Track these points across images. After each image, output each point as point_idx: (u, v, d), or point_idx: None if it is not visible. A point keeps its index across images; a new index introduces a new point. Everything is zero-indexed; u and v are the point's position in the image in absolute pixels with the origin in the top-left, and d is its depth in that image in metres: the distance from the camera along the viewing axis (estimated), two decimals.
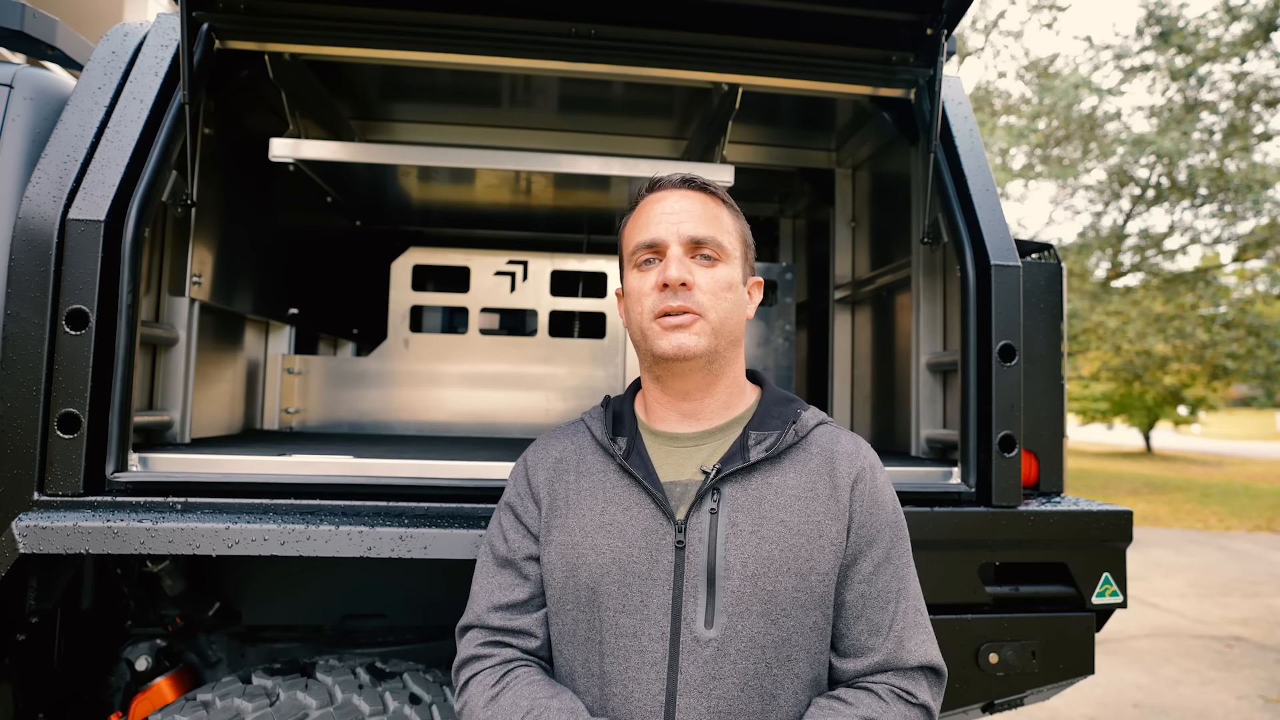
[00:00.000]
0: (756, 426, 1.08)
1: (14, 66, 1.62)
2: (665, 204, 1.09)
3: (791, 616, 0.99)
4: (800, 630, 0.99)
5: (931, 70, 1.75)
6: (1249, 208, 11.68)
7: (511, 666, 1.03)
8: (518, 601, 1.08)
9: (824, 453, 1.08)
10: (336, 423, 2.47)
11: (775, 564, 0.99)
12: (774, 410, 1.11)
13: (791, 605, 0.99)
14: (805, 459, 1.07)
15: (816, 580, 1.00)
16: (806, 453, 1.07)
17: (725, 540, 0.99)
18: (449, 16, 1.70)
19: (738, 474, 1.04)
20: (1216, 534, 9.66)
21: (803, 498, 1.03)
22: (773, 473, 1.05)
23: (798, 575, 0.99)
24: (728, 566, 0.98)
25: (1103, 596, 1.61)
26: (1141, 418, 23.76)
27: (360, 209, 2.63)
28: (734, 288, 1.08)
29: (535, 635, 1.07)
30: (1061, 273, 1.86)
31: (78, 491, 1.35)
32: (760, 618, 0.98)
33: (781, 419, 1.09)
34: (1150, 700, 4.06)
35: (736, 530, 1.00)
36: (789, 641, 0.99)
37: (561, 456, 1.14)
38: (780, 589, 0.98)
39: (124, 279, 1.42)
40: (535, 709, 0.96)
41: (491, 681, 1.01)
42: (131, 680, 1.75)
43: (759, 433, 1.07)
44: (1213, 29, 11.69)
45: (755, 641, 0.97)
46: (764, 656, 0.97)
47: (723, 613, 0.97)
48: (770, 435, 1.07)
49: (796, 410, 1.11)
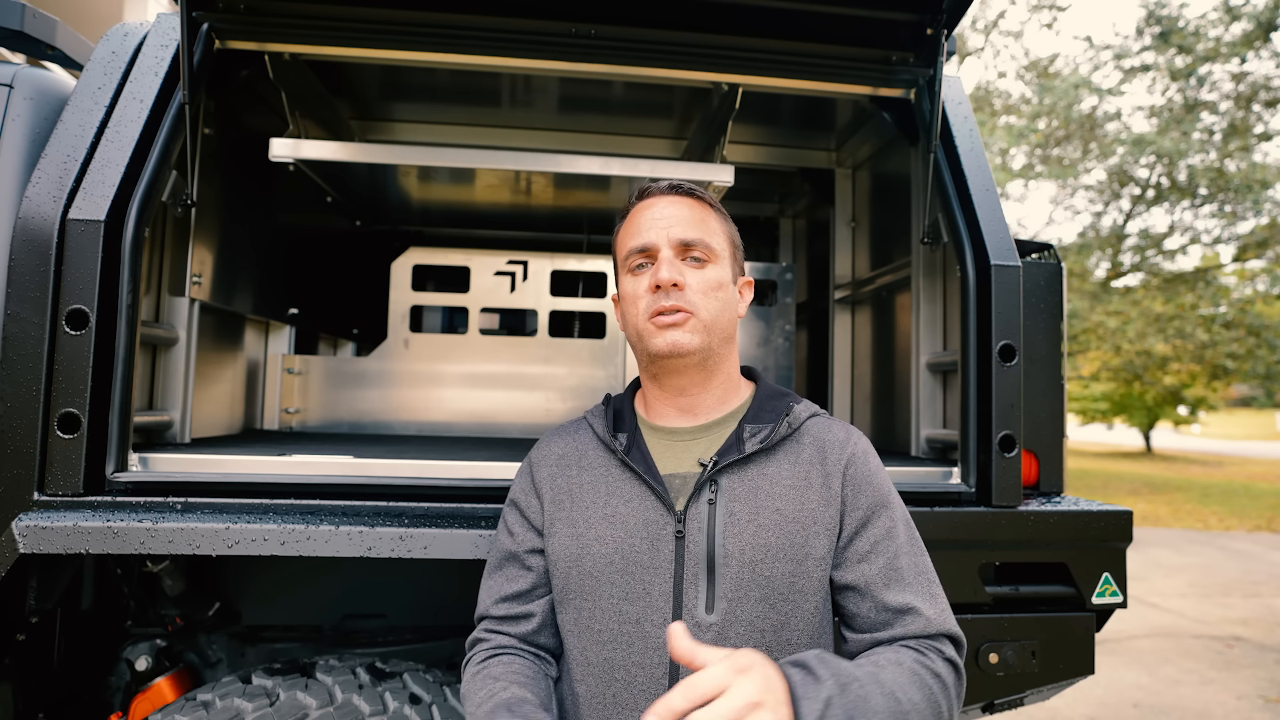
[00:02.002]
0: (751, 420, 1.12)
1: (14, 66, 1.62)
2: (655, 210, 1.13)
3: (789, 601, 1.02)
4: (798, 614, 1.03)
5: (931, 70, 1.75)
6: (1249, 208, 11.68)
7: (500, 652, 1.08)
8: (520, 592, 1.12)
9: (816, 442, 1.11)
10: (336, 423, 2.47)
11: (772, 551, 1.02)
12: (768, 404, 1.15)
13: (789, 590, 1.02)
14: (798, 450, 1.10)
15: (813, 565, 1.04)
16: (799, 444, 1.11)
17: (724, 529, 1.03)
18: (449, 16, 1.70)
19: (734, 465, 1.07)
20: (1216, 534, 9.66)
21: (797, 486, 1.07)
22: (768, 464, 1.08)
23: (794, 561, 1.03)
24: (726, 554, 1.02)
25: (1103, 596, 1.62)
26: (1141, 418, 23.76)
27: (360, 209, 2.63)
28: (724, 287, 1.12)
29: (532, 620, 1.11)
30: (1061, 273, 1.86)
31: (78, 491, 1.35)
32: (759, 602, 1.01)
33: (775, 412, 1.13)
34: (1150, 700, 4.06)
35: (734, 519, 1.04)
36: (787, 625, 1.02)
37: (564, 453, 1.18)
38: (777, 574, 1.02)
39: (124, 279, 1.42)
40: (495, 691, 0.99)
41: (479, 659, 1.07)
42: (131, 680, 1.75)
43: (754, 425, 1.11)
44: (1213, 29, 11.69)
45: (754, 626, 1.01)
46: (763, 640, 1.01)
47: (723, 598, 1.01)
48: (764, 428, 1.10)
49: (789, 403, 1.15)
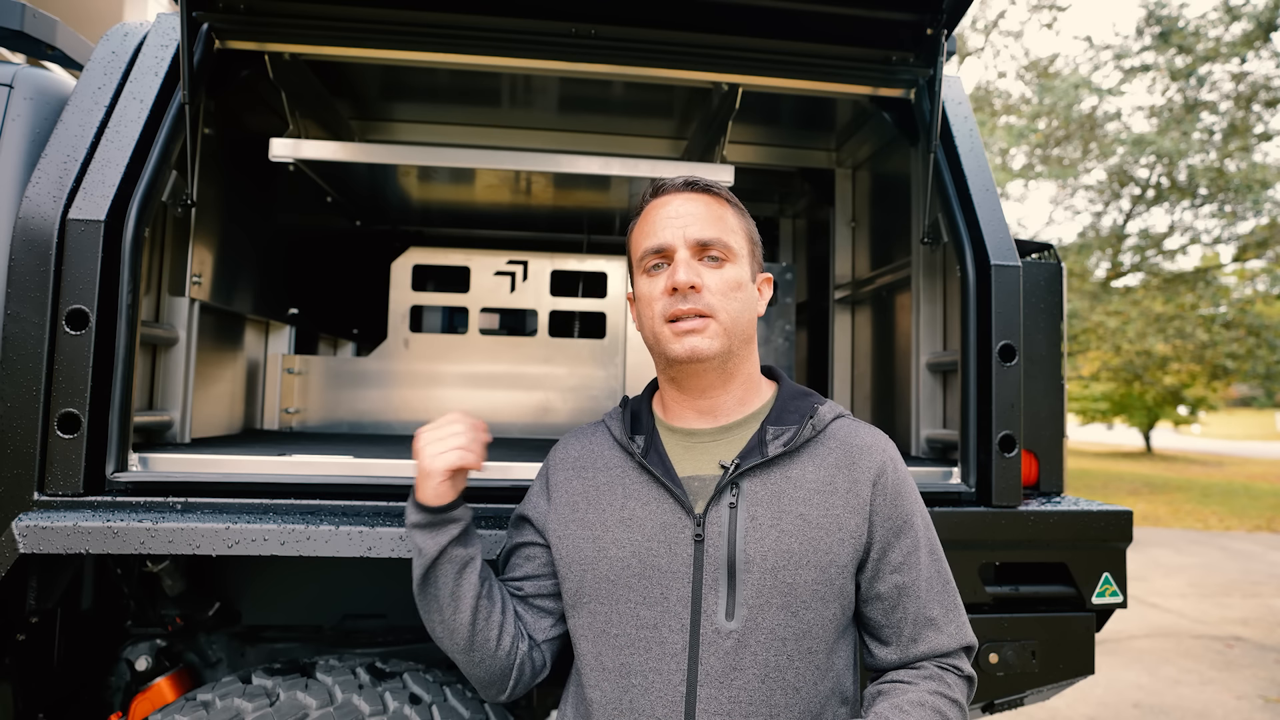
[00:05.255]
0: (774, 421, 1.09)
1: (14, 66, 1.61)
2: (670, 208, 1.10)
3: (811, 609, 1.00)
4: (820, 622, 1.01)
5: (931, 70, 1.75)
6: (1249, 208, 11.67)
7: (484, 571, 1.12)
8: (523, 576, 1.17)
9: (842, 446, 1.08)
10: (336, 423, 2.46)
11: (795, 557, 1.00)
12: (791, 405, 1.12)
13: (811, 598, 1.00)
14: (823, 453, 1.07)
15: (836, 573, 1.02)
16: (824, 446, 1.08)
17: (745, 534, 1.01)
18: (449, 16, 1.70)
19: (756, 469, 1.05)
20: (1216, 534, 9.66)
21: (821, 491, 1.04)
22: (791, 466, 1.05)
23: (817, 568, 1.00)
24: (748, 560, 1.00)
25: (1103, 596, 1.62)
26: (1141, 418, 23.75)
27: (360, 209, 2.63)
28: (743, 287, 1.09)
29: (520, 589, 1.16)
30: (1061, 273, 1.86)
31: (78, 491, 1.35)
32: (781, 610, 0.99)
33: (799, 413, 1.10)
34: (1150, 700, 4.06)
35: (756, 524, 1.01)
36: (809, 634, 1.00)
37: (581, 455, 1.17)
38: (800, 581, 1.00)
39: (124, 279, 1.42)
40: None
41: None
42: (131, 680, 1.75)
43: (777, 427, 1.08)
44: (1213, 29, 11.69)
45: (776, 634, 0.99)
46: (785, 649, 0.99)
47: (743, 605, 0.98)
48: (788, 430, 1.07)
49: (813, 404, 1.12)
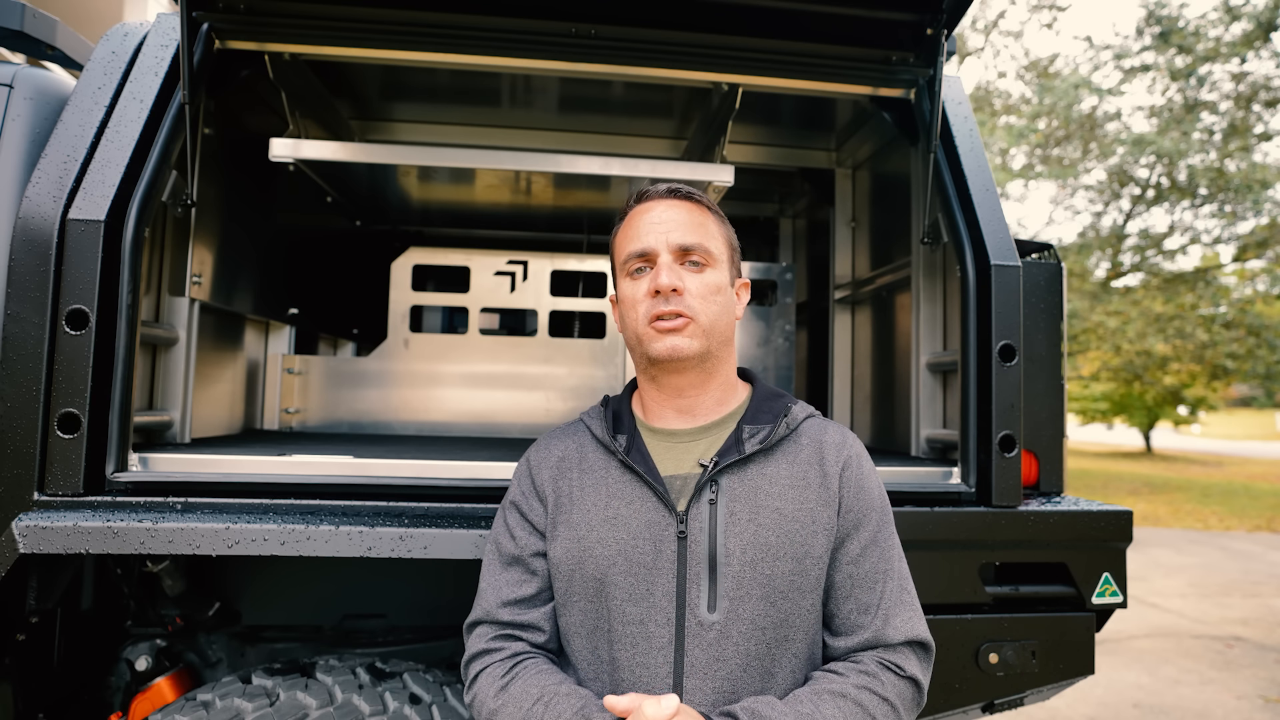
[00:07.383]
0: (750, 420, 1.13)
1: (14, 66, 1.61)
2: (653, 214, 1.14)
3: (789, 599, 1.04)
4: (797, 612, 1.04)
5: (931, 70, 1.75)
6: (1249, 208, 11.67)
7: (520, 659, 1.07)
8: (526, 596, 1.12)
9: (813, 443, 1.13)
10: (336, 423, 2.47)
11: (773, 550, 1.04)
12: (765, 405, 1.16)
13: (789, 588, 1.04)
14: (796, 450, 1.12)
15: (811, 564, 1.05)
16: (797, 444, 1.12)
17: (725, 529, 1.04)
18: (449, 16, 1.70)
19: (734, 466, 1.08)
20: (1216, 534, 9.66)
21: (795, 486, 1.08)
22: (766, 464, 1.09)
23: (794, 560, 1.04)
24: (728, 553, 1.03)
25: (1103, 596, 1.62)
26: (1141, 418, 23.74)
27: (360, 209, 2.63)
28: (722, 290, 1.13)
29: (543, 629, 1.11)
30: (1061, 273, 1.86)
31: (78, 491, 1.35)
32: (760, 601, 1.02)
33: (773, 413, 1.14)
34: (1150, 700, 4.06)
35: (735, 519, 1.05)
36: (787, 623, 1.04)
37: (564, 455, 1.18)
38: (778, 573, 1.03)
39: (124, 279, 1.42)
40: (546, 695, 0.99)
41: (501, 673, 1.04)
42: (131, 680, 1.75)
43: (752, 426, 1.12)
44: (1213, 29, 11.68)
45: (756, 624, 1.02)
46: (764, 638, 1.02)
47: (724, 597, 1.02)
48: (763, 429, 1.12)
49: (786, 404, 1.16)
